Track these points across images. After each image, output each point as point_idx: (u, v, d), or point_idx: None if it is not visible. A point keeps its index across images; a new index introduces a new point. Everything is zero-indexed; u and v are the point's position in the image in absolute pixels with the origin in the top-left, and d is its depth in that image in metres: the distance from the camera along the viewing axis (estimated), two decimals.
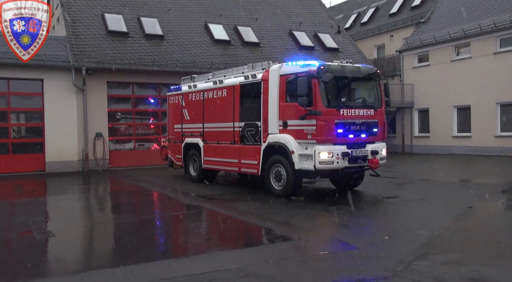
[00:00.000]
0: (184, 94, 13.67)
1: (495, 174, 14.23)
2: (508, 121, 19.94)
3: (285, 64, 10.22)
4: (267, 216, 8.70)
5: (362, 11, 33.25)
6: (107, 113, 18.15)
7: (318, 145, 9.30)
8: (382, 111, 10.37)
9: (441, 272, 5.33)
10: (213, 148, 12.36)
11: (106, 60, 17.66)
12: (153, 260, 6.05)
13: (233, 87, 11.51)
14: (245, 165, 11.17)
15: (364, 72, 10.22)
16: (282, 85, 10.01)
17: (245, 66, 11.81)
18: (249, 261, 5.99)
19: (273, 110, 10.16)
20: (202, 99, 12.77)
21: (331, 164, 9.33)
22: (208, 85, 12.59)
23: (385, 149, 10.39)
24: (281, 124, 10.02)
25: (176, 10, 21.69)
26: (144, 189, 13.34)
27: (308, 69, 9.45)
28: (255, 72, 10.89)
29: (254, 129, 10.77)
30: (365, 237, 6.97)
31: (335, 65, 9.80)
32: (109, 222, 9.13)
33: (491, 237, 7.08)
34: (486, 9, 21.83)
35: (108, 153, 17.96)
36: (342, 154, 9.37)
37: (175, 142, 14.24)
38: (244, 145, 11.14)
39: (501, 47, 20.18)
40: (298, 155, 9.60)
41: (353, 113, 9.66)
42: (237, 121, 11.34)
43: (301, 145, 9.63)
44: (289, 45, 22.65)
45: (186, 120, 13.57)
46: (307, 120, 9.41)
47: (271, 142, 10.21)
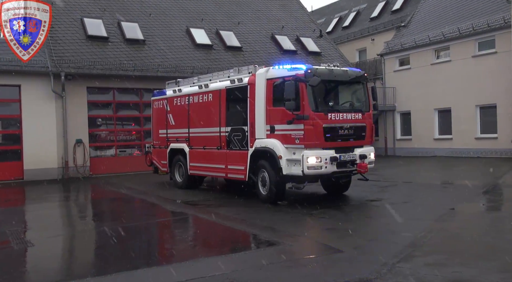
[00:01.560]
0: (169, 98, 13.45)
1: (476, 175, 14.44)
2: (487, 123, 20.30)
3: (272, 68, 10.10)
4: (251, 221, 8.65)
5: (343, 15, 33.60)
6: (87, 119, 17.87)
7: (306, 150, 9.18)
8: (370, 114, 10.33)
9: (424, 273, 5.35)
10: (199, 153, 12.13)
11: (86, 65, 17.42)
12: (135, 268, 5.92)
13: (219, 91, 11.34)
14: (232, 170, 10.97)
15: (352, 76, 10.11)
16: (269, 89, 9.89)
17: (231, 70, 11.66)
18: (233, 267, 5.91)
19: (260, 114, 10.03)
20: (187, 104, 12.57)
21: (319, 169, 9.21)
22: (194, 89, 12.40)
23: (373, 153, 10.33)
24: (268, 128, 9.88)
25: (157, 14, 21.54)
26: (126, 196, 13.13)
27: (295, 73, 9.34)
28: (241, 76, 10.75)
29: (241, 134, 10.61)
30: (349, 240, 6.97)
31: (323, 69, 9.74)
32: (90, 230, 8.94)
33: (472, 238, 7.14)
34: (464, 13, 22.25)
35: (88, 160, 17.66)
36: (330, 158, 9.26)
37: (160, 147, 13.99)
38: (231, 150, 10.95)
39: (479, 50, 20.57)
40: (286, 160, 9.45)
41: (341, 117, 9.58)
42: (223, 126, 11.16)
43: (289, 150, 9.50)
44: (271, 49, 22.70)
45: (171, 125, 13.34)
46: (294, 124, 9.29)
47: (258, 147, 10.05)
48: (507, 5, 18.73)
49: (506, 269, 5.44)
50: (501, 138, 19.30)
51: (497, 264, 5.64)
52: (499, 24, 19.25)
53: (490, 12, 20.50)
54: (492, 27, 19.57)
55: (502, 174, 14.41)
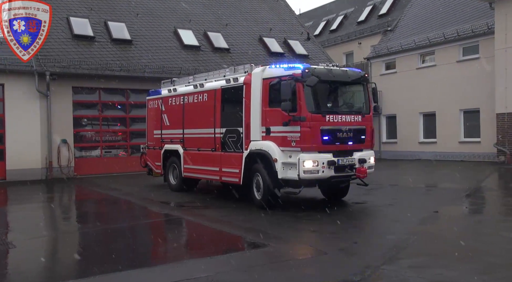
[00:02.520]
0: (164, 98, 13.11)
1: (459, 179, 14.64)
2: (471, 127, 20.60)
3: (268, 67, 9.80)
4: (237, 223, 8.65)
5: (331, 19, 33.82)
6: (72, 119, 17.67)
7: (302, 153, 8.82)
8: (370, 117, 9.93)
9: (407, 276, 5.41)
10: (193, 155, 11.77)
11: (72, 65, 17.23)
12: (119, 270, 5.87)
13: (214, 91, 11.01)
14: (226, 173, 10.60)
15: (352, 76, 9.74)
16: (265, 89, 9.55)
17: (227, 69, 11.37)
18: (218, 269, 5.90)
19: (255, 115, 9.69)
20: (182, 104, 12.24)
21: (316, 173, 8.84)
22: (189, 89, 12.09)
23: (373, 157, 9.94)
24: (264, 130, 9.55)
25: (144, 14, 21.42)
26: (111, 198, 13.01)
27: (292, 73, 8.97)
28: (237, 76, 10.40)
29: (236, 135, 10.26)
30: (334, 242, 7.01)
31: (321, 69, 9.38)
32: (74, 231, 8.84)
33: (455, 240, 7.23)
34: (449, 18, 22.57)
35: (73, 160, 17.45)
36: (327, 162, 8.91)
37: (154, 148, 13.62)
38: (226, 152, 10.60)
39: (463, 55, 20.88)
40: (281, 164, 9.08)
41: (339, 119, 9.21)
42: (218, 127, 10.82)
43: (284, 153, 9.14)
44: (259, 51, 22.73)
45: (166, 125, 13.01)
46: (291, 126, 8.93)
47: (253, 149, 9.68)
48: (491, 11, 19.05)
49: (486, 271, 5.53)
50: (484, 142, 19.60)
51: (478, 266, 5.73)
52: (482, 30, 19.57)
53: (474, 18, 20.83)
54: (476, 33, 19.88)
55: (485, 177, 14.63)
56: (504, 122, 17.89)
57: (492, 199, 11.62)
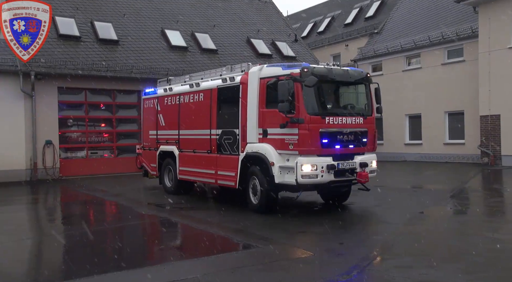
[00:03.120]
0: (160, 98, 12.73)
1: (444, 180, 14.84)
2: (455, 129, 20.89)
3: (266, 66, 9.45)
4: (224, 225, 8.64)
5: (318, 21, 34.01)
6: (57, 120, 17.46)
7: (300, 157, 8.43)
8: (372, 119, 9.57)
9: (393, 276, 5.47)
10: (188, 157, 11.39)
11: (57, 65, 17.02)
12: (105, 272, 5.82)
13: (210, 91, 10.64)
14: (222, 176, 10.21)
15: (353, 76, 9.31)
16: (262, 89, 9.15)
17: (224, 67, 11.07)
18: (205, 270, 5.90)
19: (252, 116, 9.31)
20: (178, 104, 11.85)
21: (314, 178, 8.44)
22: (185, 88, 11.69)
23: (376, 161, 9.57)
24: (260, 132, 9.16)
25: (131, 15, 21.29)
26: (97, 199, 12.89)
27: (290, 72, 8.59)
28: (234, 75, 10.04)
29: (232, 137, 9.89)
30: (321, 243, 7.04)
31: (320, 68, 8.97)
32: (58, 233, 8.72)
33: (440, 241, 7.35)
34: (434, 22, 22.86)
35: (58, 161, 17.25)
36: (327, 166, 8.52)
37: (149, 149, 13.24)
38: (221, 154, 10.25)
39: (448, 58, 21.19)
40: (278, 168, 8.69)
41: (340, 121, 8.84)
42: (214, 128, 10.44)
43: (282, 156, 8.77)
44: (247, 53, 22.75)
45: (161, 126, 12.63)
46: (288, 128, 8.55)
47: (250, 152, 9.31)
48: (475, 15, 19.36)
49: (470, 271, 5.61)
50: (468, 144, 19.90)
51: (462, 266, 5.82)
52: (467, 34, 19.88)
53: (459, 21, 21.15)
54: (460, 36, 20.19)
55: (469, 179, 14.85)
56: (488, 124, 18.19)
57: (476, 200, 11.80)
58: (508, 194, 12.40)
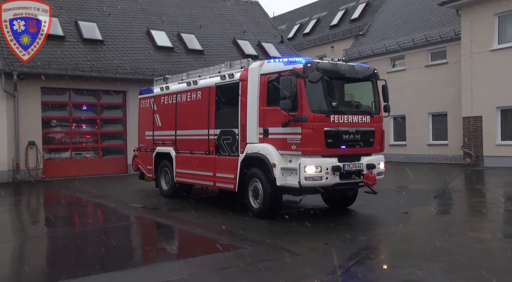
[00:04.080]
0: (156, 97, 12.29)
1: (428, 180, 15.03)
2: (439, 130, 21.19)
3: (267, 62, 9.01)
4: (210, 226, 8.62)
5: (304, 22, 34.19)
6: (41, 121, 17.21)
7: (303, 158, 7.98)
8: (380, 117, 9.11)
9: (377, 275, 5.53)
10: (186, 158, 10.91)
11: (40, 65, 16.79)
12: (89, 275, 5.76)
13: (208, 89, 10.16)
14: (220, 179, 9.73)
15: (359, 72, 8.89)
16: (263, 86, 8.67)
17: (223, 64, 10.59)
18: (191, 271, 5.88)
19: (252, 115, 8.83)
20: (174, 103, 11.39)
21: (319, 180, 7.97)
22: (182, 86, 11.24)
23: (383, 162, 9.11)
24: (261, 132, 8.68)
25: (116, 14, 21.10)
26: (81, 201, 12.75)
27: (292, 67, 8.10)
28: (233, 71, 9.56)
29: (231, 137, 9.42)
30: (306, 244, 7.08)
31: (325, 63, 8.56)
32: (41, 235, 8.62)
33: (423, 240, 7.44)
34: (418, 24, 23.17)
35: (41, 162, 17.01)
36: (332, 168, 8.04)
37: (146, 151, 12.77)
38: (220, 155, 9.78)
39: (432, 60, 21.48)
40: (280, 169, 8.23)
41: (345, 119, 8.34)
42: (212, 128, 9.97)
43: (284, 157, 8.30)
44: (233, 54, 22.73)
45: (158, 126, 12.16)
46: (291, 127, 8.08)
47: (250, 152, 8.83)
48: (458, 18, 19.67)
49: (453, 270, 5.70)
50: (451, 145, 20.20)
51: (445, 265, 5.90)
52: (450, 36, 20.18)
53: (442, 24, 21.47)
54: (443, 39, 20.49)
55: (452, 179, 15.07)
56: (470, 125, 18.49)
57: (459, 200, 11.98)
58: (489, 194, 12.63)
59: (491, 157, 17.71)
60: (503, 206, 10.68)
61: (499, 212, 9.97)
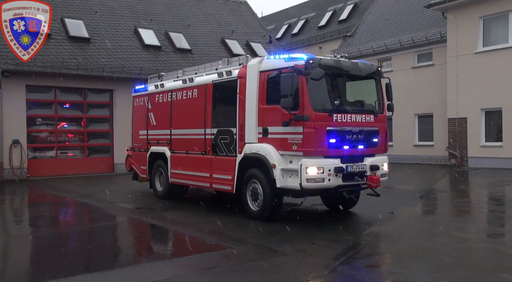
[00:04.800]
0: (150, 95, 11.94)
1: (414, 181, 15.17)
2: (424, 131, 21.41)
3: (266, 58, 8.69)
4: (197, 226, 8.59)
5: (292, 23, 34.27)
6: (25, 119, 16.98)
7: (305, 158, 7.67)
8: (383, 117, 8.86)
9: (363, 275, 5.56)
10: (181, 159, 10.58)
11: (25, 62, 16.53)
12: (74, 275, 5.70)
13: (205, 87, 9.83)
14: (217, 180, 9.40)
15: (363, 69, 8.60)
16: (263, 83, 8.36)
17: (220, 61, 10.27)
18: (177, 271, 5.85)
19: (251, 114, 8.52)
20: (169, 101, 11.05)
21: (321, 181, 7.67)
22: (177, 84, 10.89)
23: (387, 164, 8.85)
24: (260, 131, 8.40)
25: (103, 12, 20.91)
26: (66, 200, 12.60)
27: (293, 64, 7.80)
28: (231, 68, 9.22)
29: (229, 137, 9.10)
30: (293, 243, 7.09)
31: (328, 60, 8.24)
32: (25, 235, 8.49)
33: (409, 240, 7.52)
34: (405, 26, 23.39)
35: (26, 161, 16.76)
36: (335, 169, 7.73)
37: (139, 150, 12.40)
38: (217, 156, 9.44)
39: (418, 62, 21.70)
40: (280, 170, 7.92)
41: (349, 119, 8.04)
42: (209, 127, 9.64)
43: (284, 157, 8.00)
44: (221, 53, 22.69)
45: (152, 125, 11.83)
46: (292, 126, 7.78)
47: (248, 153, 8.52)
48: (444, 20, 19.90)
49: (437, 270, 5.76)
50: (436, 146, 20.42)
51: (430, 265, 5.96)
52: (436, 38, 20.41)
53: (429, 26, 21.70)
54: (430, 41, 20.70)
55: (437, 180, 15.24)
56: (455, 126, 18.72)
57: (444, 200, 12.13)
58: (473, 195, 12.81)
59: (476, 158, 17.96)
60: (487, 206, 10.85)
61: (483, 212, 10.12)
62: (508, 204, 11.09)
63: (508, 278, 5.42)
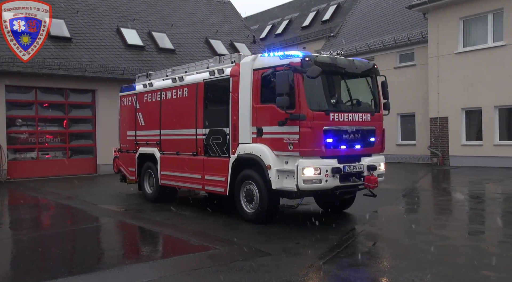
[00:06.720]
0: (139, 94, 11.61)
1: (396, 180, 15.32)
2: (407, 130, 21.68)
3: (260, 56, 8.46)
4: (182, 227, 8.54)
5: (276, 23, 34.37)
6: (5, 120, 16.64)
7: (301, 159, 7.48)
8: (380, 116, 8.72)
9: (348, 274, 5.60)
10: (172, 160, 10.29)
11: (4, 62, 16.22)
12: (55, 278, 5.60)
13: (195, 85, 9.56)
14: (209, 182, 9.16)
15: (359, 67, 8.39)
16: (256, 82, 8.15)
17: (211, 59, 10.04)
18: (161, 273, 5.81)
19: (244, 113, 8.31)
20: (159, 101, 10.76)
21: (318, 183, 7.49)
22: (166, 83, 10.58)
23: (384, 164, 8.67)
24: (254, 131, 8.17)
25: (85, 11, 20.64)
26: (48, 202, 12.39)
27: (289, 61, 7.58)
28: (223, 67, 8.99)
29: (221, 137, 8.86)
30: (278, 243, 7.10)
31: (324, 57, 8.06)
32: (5, 238, 8.32)
33: (392, 239, 7.60)
34: (387, 27, 23.67)
35: (6, 163, 16.44)
36: (332, 170, 7.56)
37: (127, 152, 12.09)
38: (209, 157, 9.19)
39: (400, 62, 21.97)
40: (276, 171, 7.71)
41: (345, 118, 7.87)
42: (200, 128, 9.40)
43: (279, 158, 7.80)
44: (205, 53, 22.61)
45: (141, 125, 11.51)
46: (287, 126, 7.59)
47: (242, 153, 8.30)
48: (425, 21, 20.19)
49: (420, 267, 5.84)
50: (419, 145, 20.71)
51: (412, 263, 6.04)
52: (417, 39, 20.69)
53: (410, 27, 21.99)
54: (411, 41, 20.99)
55: (419, 178, 15.46)
56: (437, 126, 19.01)
57: (426, 199, 12.30)
58: (455, 193, 13.01)
59: (457, 157, 18.26)
60: (468, 204, 11.03)
61: (464, 211, 10.29)
62: (488, 202, 11.30)
63: (488, 275, 5.52)
